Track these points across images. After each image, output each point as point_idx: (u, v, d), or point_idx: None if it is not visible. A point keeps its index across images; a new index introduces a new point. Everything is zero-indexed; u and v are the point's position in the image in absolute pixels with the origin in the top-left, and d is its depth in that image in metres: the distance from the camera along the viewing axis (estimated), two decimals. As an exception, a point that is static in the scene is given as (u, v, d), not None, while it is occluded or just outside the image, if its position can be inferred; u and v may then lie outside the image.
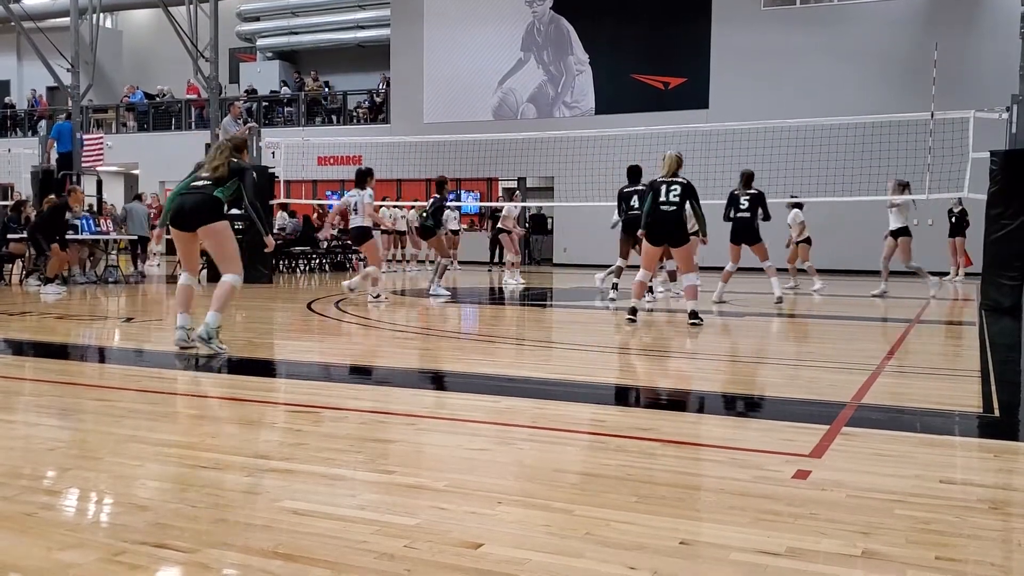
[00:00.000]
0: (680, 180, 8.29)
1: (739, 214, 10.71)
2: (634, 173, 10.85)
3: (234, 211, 6.92)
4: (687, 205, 8.29)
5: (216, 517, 2.76)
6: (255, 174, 8.29)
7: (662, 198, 8.25)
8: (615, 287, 10.89)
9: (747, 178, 10.90)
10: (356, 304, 10.23)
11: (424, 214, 11.79)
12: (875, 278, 13.26)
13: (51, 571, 2.28)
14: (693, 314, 8.21)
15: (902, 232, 12.04)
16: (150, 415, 4.25)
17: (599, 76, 22.60)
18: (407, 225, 19.67)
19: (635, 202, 10.21)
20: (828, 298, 12.19)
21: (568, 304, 11.03)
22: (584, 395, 5.08)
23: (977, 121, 11.07)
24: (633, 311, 8.37)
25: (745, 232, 10.72)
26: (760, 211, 10.73)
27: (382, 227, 19.43)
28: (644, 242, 8.53)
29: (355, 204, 10.47)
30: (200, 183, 6.33)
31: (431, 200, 11.62)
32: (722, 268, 11.06)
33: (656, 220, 8.29)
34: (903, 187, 11.91)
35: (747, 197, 10.77)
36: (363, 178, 10.40)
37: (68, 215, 12.46)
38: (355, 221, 10.59)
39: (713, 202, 13.45)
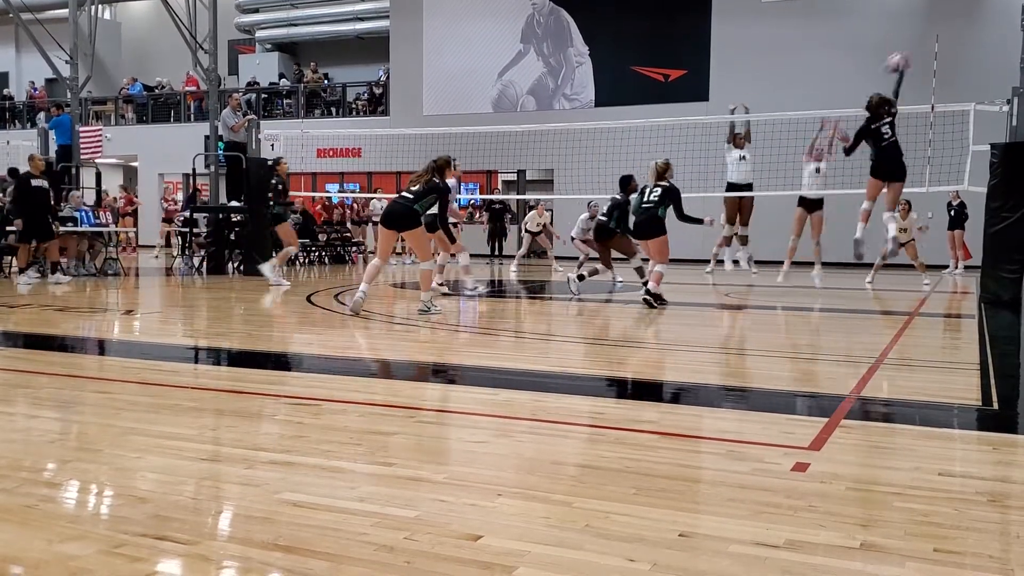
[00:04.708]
0: (663, 183, 9.37)
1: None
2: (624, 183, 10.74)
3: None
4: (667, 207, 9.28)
5: (216, 509, 2.77)
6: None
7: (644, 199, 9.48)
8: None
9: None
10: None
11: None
12: (883, 270, 13.26)
13: (52, 563, 2.28)
14: (650, 293, 9.18)
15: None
16: (150, 407, 4.25)
17: (599, 68, 22.56)
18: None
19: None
20: (826, 291, 12.18)
21: (567, 298, 11.02)
22: (583, 388, 5.08)
23: (977, 113, 11.07)
24: (654, 296, 9.22)
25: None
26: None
27: (372, 219, 19.39)
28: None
29: None
30: (405, 196, 8.06)
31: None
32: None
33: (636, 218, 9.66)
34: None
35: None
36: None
37: (34, 182, 11.64)
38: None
39: (714, 196, 13.48)
